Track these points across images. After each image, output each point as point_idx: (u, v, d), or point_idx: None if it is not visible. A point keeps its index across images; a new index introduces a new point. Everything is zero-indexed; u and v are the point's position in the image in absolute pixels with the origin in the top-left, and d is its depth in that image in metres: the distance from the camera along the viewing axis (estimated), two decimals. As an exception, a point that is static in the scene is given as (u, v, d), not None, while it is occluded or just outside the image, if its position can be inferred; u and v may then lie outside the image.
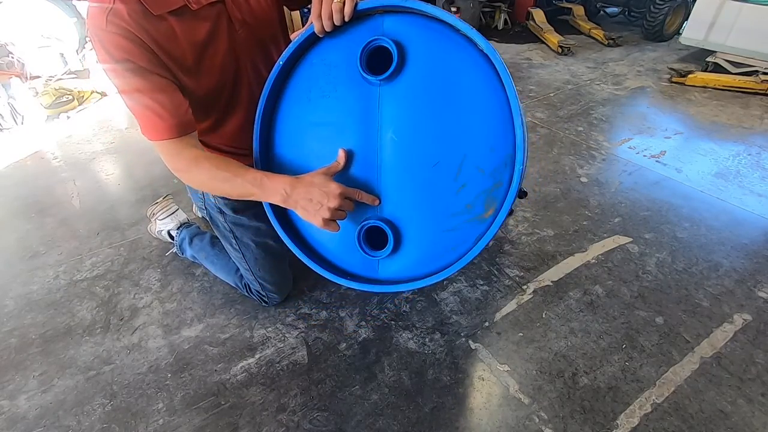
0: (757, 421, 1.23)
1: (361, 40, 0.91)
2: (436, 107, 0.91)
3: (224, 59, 1.02)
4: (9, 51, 3.37)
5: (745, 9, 3.50)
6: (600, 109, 3.17)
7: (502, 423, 1.23)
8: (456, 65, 0.91)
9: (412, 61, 0.92)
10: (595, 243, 1.88)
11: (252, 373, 1.37)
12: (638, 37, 4.84)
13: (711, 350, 1.42)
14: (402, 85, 0.93)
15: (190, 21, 0.94)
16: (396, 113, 0.94)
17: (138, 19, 0.86)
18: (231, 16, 1.00)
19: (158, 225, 1.81)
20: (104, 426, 1.24)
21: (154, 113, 0.92)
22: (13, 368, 1.41)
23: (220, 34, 0.99)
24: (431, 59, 0.91)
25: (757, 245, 1.86)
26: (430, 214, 0.98)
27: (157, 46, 0.90)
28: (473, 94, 0.90)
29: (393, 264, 1.04)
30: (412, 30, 0.92)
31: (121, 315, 1.59)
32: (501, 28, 5.28)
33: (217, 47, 1.00)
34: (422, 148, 0.94)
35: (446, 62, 0.91)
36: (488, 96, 0.89)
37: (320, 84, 0.99)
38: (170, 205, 1.83)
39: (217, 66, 1.02)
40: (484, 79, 0.89)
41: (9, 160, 2.66)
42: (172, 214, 1.80)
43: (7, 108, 2.98)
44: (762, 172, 2.38)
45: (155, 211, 1.82)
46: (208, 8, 0.96)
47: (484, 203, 0.93)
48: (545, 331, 1.50)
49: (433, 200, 0.97)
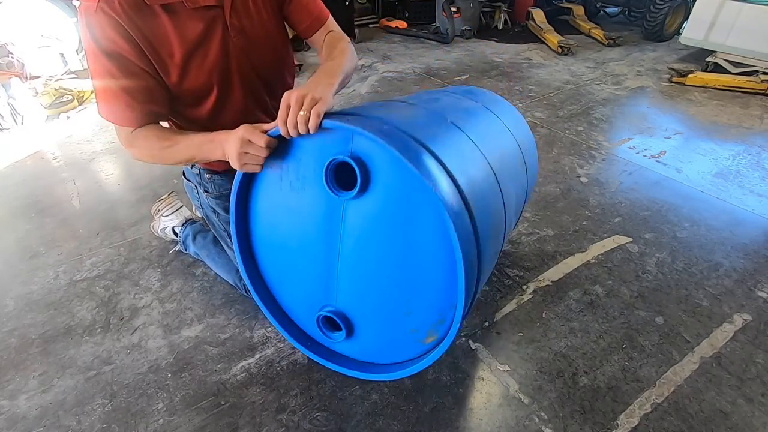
0: (757, 421, 1.23)
1: (330, 151, 0.87)
2: (394, 235, 0.89)
3: (215, 62, 1.02)
4: (9, 51, 3.36)
5: (745, 9, 3.50)
6: (600, 109, 3.17)
7: (502, 423, 1.23)
8: (415, 200, 0.85)
9: (377, 183, 0.87)
10: (595, 243, 1.88)
11: (252, 373, 1.37)
12: (638, 37, 4.84)
13: (711, 350, 1.42)
14: (365, 205, 0.91)
15: (183, 19, 0.94)
16: (357, 228, 0.95)
17: (128, 11, 0.87)
18: (228, 22, 0.99)
19: (162, 222, 1.82)
20: (104, 426, 1.24)
21: (123, 103, 0.94)
22: (13, 368, 1.41)
23: (213, 37, 0.99)
24: (394, 187, 0.86)
25: (757, 245, 1.86)
26: (381, 320, 1.04)
27: (145, 40, 0.90)
28: (426, 234, 0.85)
29: (350, 345, 1.14)
30: (380, 153, 0.85)
31: (121, 315, 1.59)
32: (501, 28, 5.28)
33: (209, 50, 0.99)
34: (378, 267, 0.96)
35: (407, 194, 0.86)
36: (439, 243, 0.83)
37: (290, 176, 0.98)
38: (175, 202, 1.84)
39: (206, 68, 1.02)
40: (436, 225, 0.83)
41: (9, 160, 2.66)
42: (177, 210, 1.81)
43: (7, 108, 2.98)
44: (762, 172, 2.38)
45: (160, 207, 1.83)
46: (204, 11, 0.95)
47: (427, 332, 0.98)
48: (545, 331, 1.50)
49: (383, 310, 1.02)
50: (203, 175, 1.25)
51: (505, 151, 1.19)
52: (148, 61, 0.93)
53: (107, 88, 0.93)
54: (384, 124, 0.84)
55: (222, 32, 1.00)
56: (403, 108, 1.07)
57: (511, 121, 1.31)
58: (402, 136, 0.81)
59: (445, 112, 1.09)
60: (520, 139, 1.31)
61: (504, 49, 4.60)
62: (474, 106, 1.24)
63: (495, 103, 1.37)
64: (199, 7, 0.94)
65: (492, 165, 1.02)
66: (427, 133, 0.89)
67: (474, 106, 1.25)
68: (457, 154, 0.91)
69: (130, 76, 0.92)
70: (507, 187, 1.08)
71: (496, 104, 1.37)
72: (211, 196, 1.28)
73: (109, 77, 0.92)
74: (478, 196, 0.89)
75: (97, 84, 0.94)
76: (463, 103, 1.25)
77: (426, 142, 0.84)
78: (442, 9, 4.67)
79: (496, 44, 4.75)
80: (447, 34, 4.69)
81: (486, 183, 0.97)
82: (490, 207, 0.95)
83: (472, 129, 1.06)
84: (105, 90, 0.94)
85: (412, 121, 0.95)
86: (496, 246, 1.08)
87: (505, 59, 4.28)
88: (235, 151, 0.87)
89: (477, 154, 1.00)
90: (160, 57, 0.94)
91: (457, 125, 1.02)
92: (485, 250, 0.91)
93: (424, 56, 4.37)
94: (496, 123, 1.23)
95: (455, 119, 1.05)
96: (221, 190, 1.28)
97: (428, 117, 1.03)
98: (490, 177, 0.99)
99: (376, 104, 1.08)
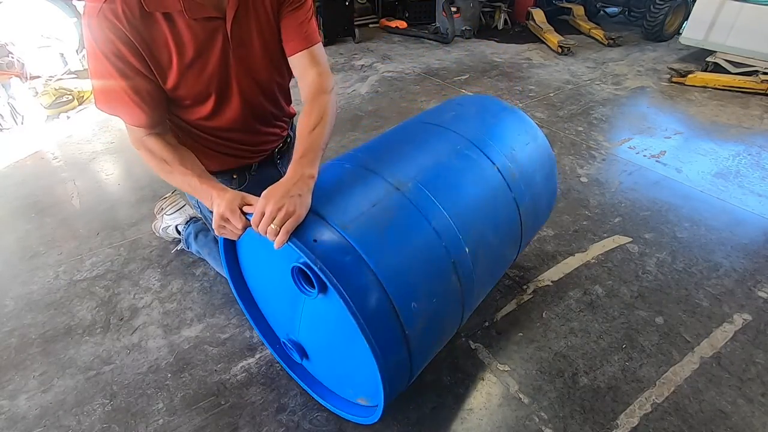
0: (757, 421, 1.23)
1: (293, 255, 0.89)
2: (338, 326, 0.95)
3: (214, 72, 1.03)
4: (9, 51, 3.36)
5: (745, 9, 3.51)
6: (600, 109, 3.17)
7: (502, 423, 1.23)
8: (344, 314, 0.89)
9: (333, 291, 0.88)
10: (595, 243, 1.88)
11: (252, 373, 1.37)
12: (638, 37, 4.84)
13: (711, 350, 1.42)
14: (321, 303, 0.97)
15: (183, 29, 0.94)
16: (313, 316, 1.06)
17: (130, 16, 0.87)
18: (229, 34, 0.99)
19: (165, 220, 1.82)
20: (104, 426, 1.24)
21: (132, 102, 0.96)
22: (13, 368, 1.41)
23: (213, 47, 0.99)
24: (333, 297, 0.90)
25: (757, 245, 1.86)
26: (329, 368, 1.19)
27: (145, 46, 0.91)
28: (354, 340, 0.89)
29: (310, 367, 1.27)
30: None
31: (121, 315, 1.59)
32: (501, 28, 5.28)
33: (208, 59, 1.00)
34: (327, 337, 1.08)
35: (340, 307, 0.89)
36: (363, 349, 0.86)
37: (266, 251, 1.07)
38: (178, 201, 1.85)
39: (205, 76, 1.02)
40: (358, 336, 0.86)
41: (9, 160, 2.66)
42: (181, 209, 1.82)
43: (7, 108, 2.98)
44: (762, 172, 2.38)
45: (164, 206, 1.84)
46: (205, 21, 0.96)
47: (360, 396, 1.14)
48: (545, 330, 1.50)
49: (330, 363, 1.16)
50: None
51: (484, 208, 1.12)
52: (146, 65, 0.94)
53: (110, 89, 0.94)
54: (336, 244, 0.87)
55: (222, 43, 1.00)
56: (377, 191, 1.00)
57: (510, 148, 1.23)
58: (341, 259, 0.85)
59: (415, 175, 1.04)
60: (523, 168, 1.23)
61: (504, 49, 4.60)
62: (457, 151, 1.15)
63: (496, 124, 1.30)
64: (201, 18, 0.95)
65: (454, 248, 0.99)
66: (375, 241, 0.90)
67: (459, 148, 1.15)
68: (399, 256, 0.92)
69: (130, 78, 0.93)
70: (481, 251, 1.08)
71: (498, 126, 1.29)
72: None
73: (110, 78, 0.92)
74: (421, 294, 0.93)
75: (98, 84, 0.95)
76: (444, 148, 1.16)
77: (369, 256, 0.87)
78: (442, 9, 4.67)
79: (496, 44, 4.75)
80: (447, 34, 4.69)
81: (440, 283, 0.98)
82: (436, 296, 0.98)
83: (440, 193, 1.03)
84: (108, 90, 0.95)
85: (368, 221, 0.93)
86: (452, 321, 1.09)
87: (505, 59, 4.28)
88: (215, 220, 0.92)
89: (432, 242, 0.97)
90: (159, 63, 0.95)
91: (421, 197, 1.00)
92: (426, 340, 0.98)
93: (424, 56, 4.37)
94: (477, 173, 1.14)
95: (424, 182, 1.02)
96: None
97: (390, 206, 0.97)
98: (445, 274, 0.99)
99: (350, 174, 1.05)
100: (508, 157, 1.21)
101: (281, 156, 1.32)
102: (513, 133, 1.30)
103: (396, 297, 0.87)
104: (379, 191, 0.98)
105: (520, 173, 1.22)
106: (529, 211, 1.26)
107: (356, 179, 1.02)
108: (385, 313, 0.87)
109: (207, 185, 0.96)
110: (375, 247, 0.89)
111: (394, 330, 0.88)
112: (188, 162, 1.01)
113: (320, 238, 0.86)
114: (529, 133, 1.33)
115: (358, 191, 0.98)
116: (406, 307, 0.89)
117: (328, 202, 0.94)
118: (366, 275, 0.86)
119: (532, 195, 1.26)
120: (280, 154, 1.31)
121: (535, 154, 1.32)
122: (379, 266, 0.87)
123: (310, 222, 0.88)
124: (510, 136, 1.28)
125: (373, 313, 0.84)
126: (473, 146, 1.18)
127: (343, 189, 0.99)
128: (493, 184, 1.16)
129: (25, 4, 3.42)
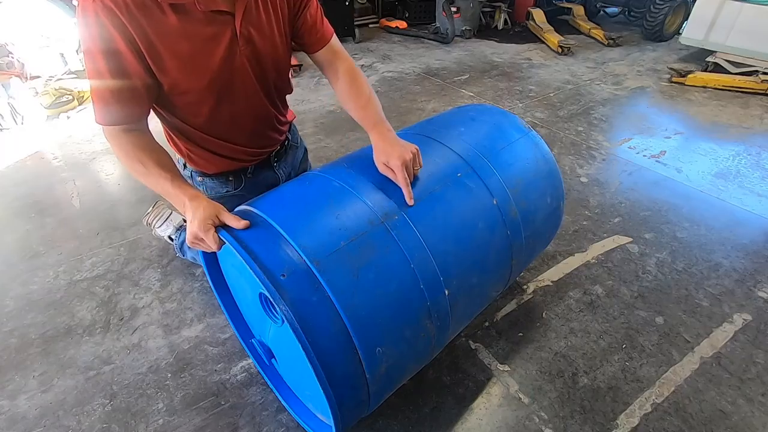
0: (757, 421, 1.23)
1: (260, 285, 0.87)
2: (301, 363, 0.89)
3: (218, 67, 1.01)
4: (9, 51, 3.37)
5: (745, 9, 3.50)
6: (600, 109, 3.17)
7: (502, 423, 1.23)
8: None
9: None
10: (595, 243, 1.88)
11: (252, 373, 1.37)
12: (638, 37, 4.84)
13: (711, 350, 1.42)
14: (286, 330, 0.93)
15: (193, 21, 0.92)
16: (279, 335, 1.07)
17: (131, 6, 0.85)
18: (237, 30, 0.98)
19: (158, 232, 1.81)
20: (104, 426, 1.24)
21: (110, 99, 0.93)
22: (13, 368, 1.41)
23: (221, 42, 0.98)
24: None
25: (757, 245, 1.86)
26: (294, 378, 1.19)
27: (144, 37, 0.89)
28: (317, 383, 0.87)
29: (279, 369, 1.26)
30: None
31: (121, 315, 1.59)
32: (501, 28, 5.28)
33: (214, 54, 0.98)
34: (290, 352, 1.06)
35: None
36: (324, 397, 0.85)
37: (240, 266, 1.06)
38: (163, 211, 1.81)
39: (209, 71, 1.00)
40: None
41: (9, 160, 2.66)
42: (167, 219, 1.78)
43: (7, 108, 2.98)
44: (762, 172, 2.38)
45: (149, 220, 1.81)
46: (215, 15, 0.94)
47: (318, 412, 1.15)
48: (545, 331, 1.50)
49: (295, 375, 1.16)
50: (195, 177, 1.24)
51: (474, 248, 1.05)
52: (142, 58, 0.92)
53: (99, 88, 0.92)
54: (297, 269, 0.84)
55: (230, 39, 0.99)
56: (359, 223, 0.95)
57: (517, 180, 1.15)
58: (307, 298, 0.82)
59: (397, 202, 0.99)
60: (526, 204, 1.15)
61: (504, 49, 4.60)
62: (456, 179, 1.07)
63: (507, 149, 1.20)
64: (211, 11, 0.93)
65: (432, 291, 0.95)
66: (347, 281, 0.86)
67: (460, 176, 1.08)
68: (371, 299, 0.88)
69: (117, 75, 0.91)
70: (462, 292, 1.03)
71: (508, 152, 1.19)
72: None
73: (107, 76, 0.90)
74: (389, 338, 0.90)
75: (93, 84, 0.93)
76: (443, 172, 1.08)
77: (337, 297, 0.83)
78: (442, 9, 4.67)
79: (496, 44, 4.75)
80: (447, 34, 4.69)
81: (406, 312, 0.93)
82: (405, 340, 0.94)
83: (428, 228, 0.97)
84: (98, 90, 0.93)
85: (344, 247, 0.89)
86: (420, 360, 1.04)
87: (505, 59, 4.28)
88: (188, 236, 0.90)
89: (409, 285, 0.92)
90: (160, 55, 0.93)
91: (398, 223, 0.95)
92: (388, 380, 0.95)
93: (424, 56, 4.37)
94: (473, 206, 1.07)
95: (412, 214, 0.97)
96: (212, 193, 1.26)
97: (370, 242, 0.92)
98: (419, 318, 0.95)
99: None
100: (511, 190, 1.12)
101: (278, 159, 1.31)
102: (523, 163, 1.19)
103: (361, 341, 0.84)
104: (362, 222, 0.92)
105: (522, 209, 1.14)
106: (522, 251, 1.18)
107: (339, 203, 0.96)
108: (345, 357, 0.84)
109: (179, 191, 0.93)
110: (346, 288, 0.84)
111: (354, 374, 0.86)
112: (164, 164, 0.98)
113: (290, 272, 0.83)
114: (540, 163, 1.23)
115: (338, 219, 0.92)
116: (370, 351, 0.86)
117: (306, 229, 0.89)
118: (330, 317, 0.83)
119: (530, 232, 1.18)
120: (277, 157, 1.30)
121: (543, 188, 1.22)
122: (347, 309, 0.83)
123: (284, 252, 0.85)
124: (519, 165, 1.18)
125: (333, 356, 0.82)
126: (474, 174, 1.09)
127: (323, 214, 0.93)
128: (488, 221, 1.08)
129: (25, 4, 3.42)
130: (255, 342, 1.17)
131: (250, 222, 0.91)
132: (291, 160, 1.35)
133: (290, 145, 1.34)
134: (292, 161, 1.36)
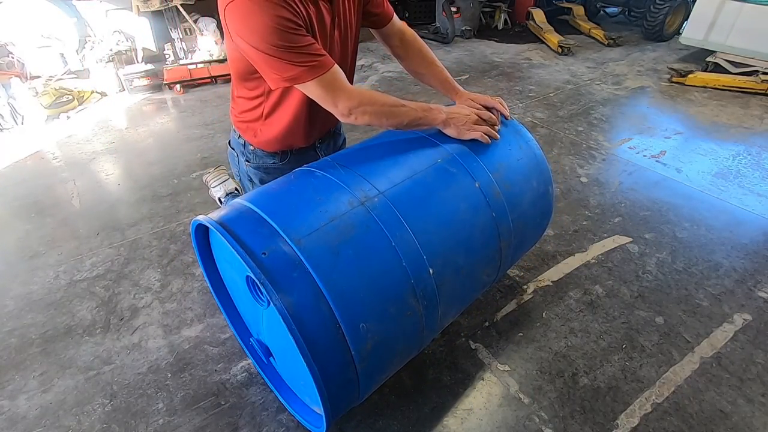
0: (757, 421, 1.23)
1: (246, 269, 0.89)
2: (290, 346, 0.90)
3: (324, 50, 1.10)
4: (9, 51, 3.37)
5: (745, 9, 3.50)
6: (600, 109, 3.17)
7: (502, 423, 1.23)
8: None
9: None
10: (595, 243, 1.88)
11: (252, 373, 1.37)
12: (638, 37, 4.84)
13: (711, 350, 1.42)
14: (273, 313, 0.98)
15: (319, 9, 1.01)
16: (270, 323, 1.10)
17: None
18: (334, 14, 1.07)
19: (212, 192, 1.88)
20: (104, 426, 1.24)
21: (310, 57, 0.96)
22: (13, 368, 1.41)
23: (326, 27, 1.07)
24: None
25: (757, 245, 1.86)
26: (288, 372, 1.21)
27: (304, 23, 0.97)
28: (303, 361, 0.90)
29: (278, 367, 1.27)
30: None
31: (121, 315, 1.59)
32: (501, 28, 5.28)
33: (318, 38, 1.06)
34: (285, 355, 1.11)
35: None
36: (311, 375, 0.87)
37: (231, 257, 1.10)
38: (221, 175, 1.89)
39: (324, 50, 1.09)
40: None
41: (9, 160, 2.66)
42: (223, 182, 1.87)
43: (7, 108, 2.98)
44: (762, 172, 2.38)
45: (208, 179, 1.89)
46: (328, 3, 1.03)
47: (314, 404, 1.17)
48: (545, 331, 1.50)
49: (289, 368, 1.18)
50: (247, 146, 1.31)
51: (457, 228, 1.07)
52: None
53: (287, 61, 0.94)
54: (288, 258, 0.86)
55: (331, 23, 1.07)
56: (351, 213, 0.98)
57: (498, 164, 1.18)
58: (288, 273, 0.85)
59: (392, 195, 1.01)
60: (510, 186, 1.18)
61: (504, 49, 4.60)
62: (436, 165, 1.11)
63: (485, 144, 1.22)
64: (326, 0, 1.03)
65: (415, 270, 0.97)
66: (328, 258, 0.88)
67: (439, 162, 1.11)
68: (352, 275, 0.90)
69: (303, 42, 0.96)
70: (449, 272, 1.05)
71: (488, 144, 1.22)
72: (250, 166, 1.35)
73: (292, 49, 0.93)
74: (373, 315, 0.91)
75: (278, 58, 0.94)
76: (423, 161, 1.12)
77: (318, 273, 0.85)
78: (442, 9, 4.67)
79: (496, 44, 4.76)
80: (447, 34, 4.69)
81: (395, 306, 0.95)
82: (390, 317, 0.95)
83: (409, 210, 1.00)
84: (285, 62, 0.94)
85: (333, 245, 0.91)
86: (411, 342, 1.05)
87: (505, 59, 4.28)
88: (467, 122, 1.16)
89: (391, 262, 0.94)
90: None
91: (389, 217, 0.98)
92: (377, 360, 0.96)
93: (424, 56, 4.37)
94: (454, 190, 1.10)
95: (393, 197, 1.00)
96: (259, 162, 1.33)
97: (350, 222, 0.95)
98: (403, 295, 0.96)
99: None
100: (494, 173, 1.16)
101: (321, 141, 1.34)
102: (504, 148, 1.23)
103: (344, 316, 0.86)
104: (342, 205, 0.95)
105: (506, 192, 1.16)
106: (511, 232, 1.19)
107: (321, 190, 1.00)
108: (328, 332, 0.86)
109: (432, 107, 1.13)
110: (326, 265, 0.87)
111: (338, 350, 0.87)
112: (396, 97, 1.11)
113: (271, 251, 0.86)
114: (523, 149, 1.27)
115: (319, 204, 0.96)
116: (354, 326, 0.87)
117: (288, 213, 0.94)
118: (312, 292, 0.85)
119: (517, 215, 1.19)
120: (321, 140, 1.34)
121: (527, 172, 1.25)
122: (328, 284, 0.85)
123: (266, 233, 0.89)
124: (501, 151, 1.22)
125: (316, 331, 0.84)
126: (456, 161, 1.13)
127: (306, 200, 0.98)
128: (472, 203, 1.10)
129: (25, 4, 3.42)
130: (253, 341, 1.18)
131: (239, 214, 0.95)
132: (332, 145, 1.39)
133: (336, 132, 1.39)
134: (333, 146, 1.40)
